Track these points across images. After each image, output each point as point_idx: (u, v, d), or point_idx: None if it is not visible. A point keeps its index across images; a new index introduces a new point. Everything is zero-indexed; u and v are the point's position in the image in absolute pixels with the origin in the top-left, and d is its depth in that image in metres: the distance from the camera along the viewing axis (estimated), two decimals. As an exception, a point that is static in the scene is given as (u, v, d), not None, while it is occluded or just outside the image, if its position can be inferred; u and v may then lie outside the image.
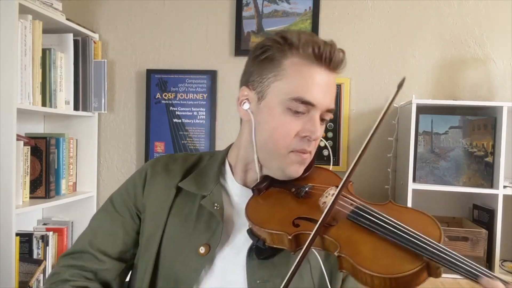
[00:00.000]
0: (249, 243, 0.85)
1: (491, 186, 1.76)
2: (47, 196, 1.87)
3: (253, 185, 0.91)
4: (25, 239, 1.86)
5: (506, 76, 2.01)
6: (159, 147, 2.19)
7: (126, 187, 0.99)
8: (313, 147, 0.88)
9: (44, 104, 1.83)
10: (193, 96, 2.17)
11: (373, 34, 2.09)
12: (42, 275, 1.81)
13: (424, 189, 1.80)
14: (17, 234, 1.68)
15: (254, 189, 0.90)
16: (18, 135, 1.69)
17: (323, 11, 2.10)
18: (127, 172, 2.22)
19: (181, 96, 2.18)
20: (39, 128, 2.16)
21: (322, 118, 0.87)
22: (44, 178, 1.88)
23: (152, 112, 2.19)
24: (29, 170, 1.83)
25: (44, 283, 0.90)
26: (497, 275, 0.66)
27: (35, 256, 1.89)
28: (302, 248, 0.73)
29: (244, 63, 0.93)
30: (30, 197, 1.84)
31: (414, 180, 1.79)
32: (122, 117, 2.25)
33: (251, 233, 0.83)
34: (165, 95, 2.18)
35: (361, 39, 2.09)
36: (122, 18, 2.24)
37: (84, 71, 2.05)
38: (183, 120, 2.18)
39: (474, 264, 0.67)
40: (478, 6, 2.03)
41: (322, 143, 2.06)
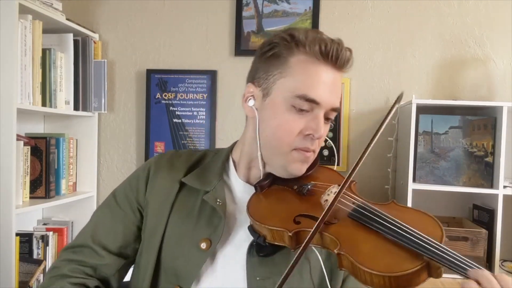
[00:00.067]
0: (250, 240, 0.85)
1: (491, 186, 1.76)
2: (47, 196, 1.87)
3: (256, 182, 0.91)
4: (25, 239, 1.86)
5: (506, 76, 2.01)
6: (159, 147, 2.19)
7: (129, 182, 0.99)
8: (317, 146, 0.87)
9: (44, 104, 1.83)
10: (193, 96, 2.17)
11: (373, 34, 2.09)
12: (42, 275, 1.81)
13: (424, 189, 1.80)
14: (17, 234, 1.68)
15: (257, 186, 0.90)
16: (18, 135, 1.69)
17: (323, 11, 2.10)
18: (127, 172, 2.22)
19: (181, 96, 2.18)
20: (39, 128, 2.16)
21: (327, 117, 0.87)
22: (44, 178, 1.88)
23: (152, 112, 2.19)
24: (29, 170, 1.83)
25: (44, 276, 0.92)
26: (490, 272, 0.66)
27: (35, 256, 1.89)
28: (302, 245, 0.73)
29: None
30: (30, 197, 1.84)
31: (414, 180, 1.79)
32: (122, 117, 2.25)
33: (252, 229, 0.84)
34: (165, 95, 2.18)
35: (361, 39, 2.09)
36: (122, 18, 2.24)
37: (84, 71, 2.05)
38: (183, 120, 2.18)
39: (475, 264, 0.67)
40: (478, 6, 2.03)
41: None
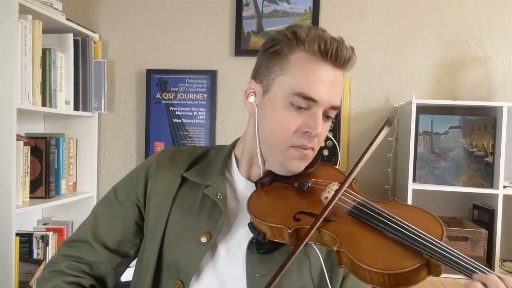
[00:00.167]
0: (250, 236, 0.85)
1: (491, 186, 1.76)
2: (47, 196, 1.87)
3: (257, 179, 0.91)
4: (25, 239, 1.86)
5: (506, 76, 2.01)
6: (159, 147, 2.19)
7: (130, 178, 0.99)
8: (315, 144, 0.87)
9: (44, 104, 1.83)
10: (193, 96, 2.17)
11: (373, 34, 2.09)
12: (43, 272, 1.81)
13: (424, 189, 1.80)
14: (17, 234, 1.68)
15: (257, 183, 0.90)
16: (18, 135, 1.69)
17: (323, 11, 2.10)
18: (127, 172, 2.20)
19: (181, 96, 2.18)
20: (39, 128, 2.16)
21: (326, 115, 0.87)
22: (44, 178, 1.87)
23: (152, 112, 2.19)
24: (29, 170, 1.83)
25: (43, 269, 0.93)
26: (497, 274, 0.66)
27: (35, 256, 1.89)
28: (303, 241, 0.73)
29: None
30: (30, 197, 1.84)
31: (414, 180, 1.79)
32: (122, 117, 2.25)
33: (252, 226, 0.84)
34: (165, 95, 2.18)
35: (361, 39, 2.09)
36: (122, 18, 2.24)
37: (84, 71, 2.05)
38: (183, 120, 2.18)
39: (475, 262, 0.67)
40: (478, 6, 2.03)
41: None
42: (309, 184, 0.88)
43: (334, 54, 0.83)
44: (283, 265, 0.72)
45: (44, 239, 1.92)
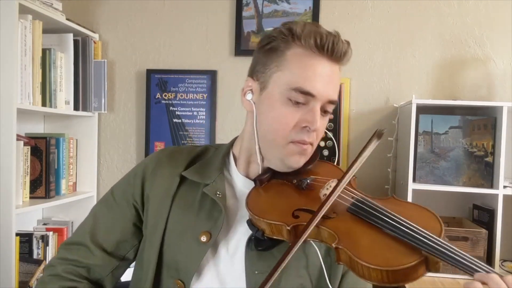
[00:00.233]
0: (249, 234, 0.85)
1: (491, 186, 1.76)
2: (47, 196, 1.87)
3: (255, 176, 0.91)
4: (25, 239, 1.86)
5: (506, 76, 2.01)
6: (159, 147, 2.19)
7: (127, 179, 0.99)
8: (314, 139, 0.87)
9: (44, 104, 1.83)
10: (193, 96, 2.17)
11: (373, 34, 2.09)
12: (42, 275, 1.81)
13: (424, 189, 1.80)
14: (17, 234, 1.68)
15: (256, 180, 0.90)
16: (18, 135, 1.69)
17: (323, 11, 2.10)
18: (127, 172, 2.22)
19: (181, 96, 2.18)
20: (39, 128, 2.16)
21: (324, 110, 0.87)
22: (44, 178, 1.87)
23: (152, 112, 2.19)
24: (29, 170, 1.83)
25: (42, 271, 0.93)
26: (494, 270, 0.65)
27: (35, 256, 1.89)
28: (300, 238, 0.73)
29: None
30: (30, 197, 1.84)
31: (414, 180, 1.79)
32: (122, 117, 2.25)
33: (250, 223, 0.84)
34: (165, 95, 2.18)
35: (361, 39, 2.09)
36: (122, 18, 2.24)
37: (84, 71, 2.05)
38: (183, 120, 2.18)
39: (474, 259, 0.66)
40: (478, 6, 2.03)
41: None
42: (308, 181, 0.88)
43: (331, 48, 0.83)
44: (280, 262, 0.72)
45: (44, 239, 1.92)
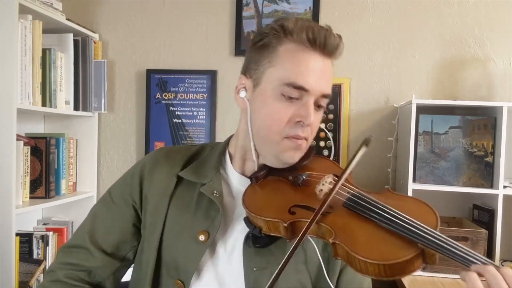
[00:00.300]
0: (246, 231, 0.85)
1: (491, 186, 1.76)
2: (47, 196, 1.87)
3: (251, 174, 0.91)
4: (25, 239, 1.86)
5: (506, 76, 2.01)
6: (159, 147, 2.19)
7: (125, 179, 0.99)
8: (309, 133, 0.87)
9: (44, 104, 1.83)
10: (193, 96, 2.17)
11: (373, 34, 2.09)
12: (42, 275, 1.81)
13: (424, 189, 1.80)
14: (17, 234, 1.68)
15: (252, 177, 0.90)
16: (18, 135, 1.69)
17: (323, 11, 2.10)
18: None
19: (181, 96, 2.18)
20: (39, 128, 2.16)
21: (318, 105, 0.87)
22: (44, 178, 1.87)
23: (152, 112, 2.19)
24: (29, 170, 1.83)
25: (42, 280, 0.93)
26: (490, 261, 0.66)
27: (35, 256, 1.89)
28: (298, 235, 0.73)
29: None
30: (30, 197, 1.84)
31: (414, 180, 1.79)
32: (122, 117, 2.25)
33: (247, 221, 0.84)
34: (165, 95, 2.18)
35: (361, 39, 2.09)
36: (122, 18, 2.24)
37: (84, 71, 2.05)
38: (183, 120, 2.18)
39: (469, 250, 0.67)
40: (478, 6, 2.03)
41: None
42: (304, 177, 0.88)
43: (323, 42, 0.83)
44: (285, 264, 0.71)
45: (44, 239, 1.92)
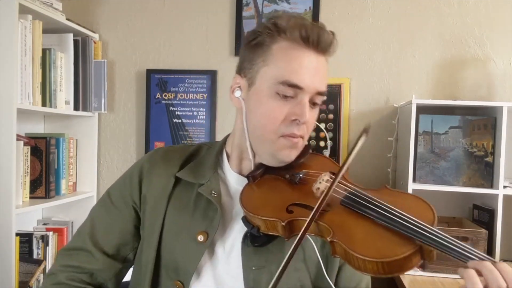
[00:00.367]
0: (245, 230, 0.85)
1: (491, 186, 1.76)
2: (47, 196, 1.87)
3: (248, 173, 0.91)
4: (25, 239, 1.86)
5: (506, 76, 2.01)
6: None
7: (123, 180, 0.99)
8: (305, 131, 0.87)
9: (44, 104, 1.83)
10: (193, 96, 2.17)
11: (373, 34, 2.09)
12: (42, 275, 1.81)
13: (424, 189, 1.80)
14: (17, 234, 1.68)
15: (249, 176, 0.90)
16: (18, 135, 1.69)
17: (323, 11, 2.10)
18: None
19: (181, 96, 2.18)
20: (39, 128, 2.16)
21: (313, 102, 0.87)
22: (44, 178, 1.87)
23: (152, 112, 2.19)
24: (29, 170, 1.83)
25: (42, 283, 0.91)
26: (488, 256, 0.66)
27: (35, 256, 1.89)
28: (297, 234, 0.73)
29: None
30: (30, 197, 1.84)
31: (414, 180, 1.79)
32: (122, 117, 2.25)
33: (245, 220, 0.84)
34: (165, 95, 2.18)
35: (361, 39, 2.09)
36: (122, 18, 2.24)
37: (84, 71, 2.05)
38: (183, 120, 2.18)
39: (466, 246, 0.67)
40: (478, 6, 2.03)
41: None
42: (301, 175, 0.88)
43: (316, 40, 0.83)
44: (286, 264, 0.71)
45: (44, 239, 1.92)
